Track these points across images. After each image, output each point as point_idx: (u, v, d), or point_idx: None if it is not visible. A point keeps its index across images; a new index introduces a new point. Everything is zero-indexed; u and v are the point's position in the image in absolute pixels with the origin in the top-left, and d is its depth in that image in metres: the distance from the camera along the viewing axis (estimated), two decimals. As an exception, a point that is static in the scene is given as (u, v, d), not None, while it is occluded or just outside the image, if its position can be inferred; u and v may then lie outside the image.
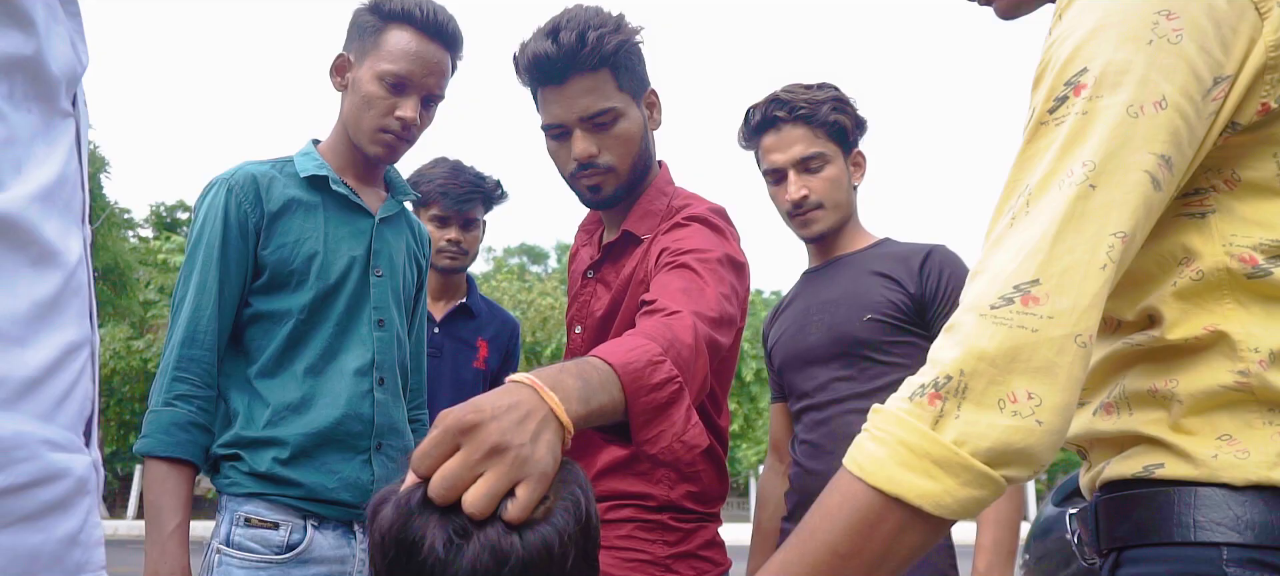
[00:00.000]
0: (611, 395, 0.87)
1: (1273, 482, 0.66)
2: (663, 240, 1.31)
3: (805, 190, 1.68)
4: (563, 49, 1.29)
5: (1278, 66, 0.67)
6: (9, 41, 0.71)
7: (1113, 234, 0.65)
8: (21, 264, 0.70)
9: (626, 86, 1.35)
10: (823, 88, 1.72)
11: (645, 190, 1.41)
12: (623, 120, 1.35)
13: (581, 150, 1.34)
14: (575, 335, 1.50)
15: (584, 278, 1.48)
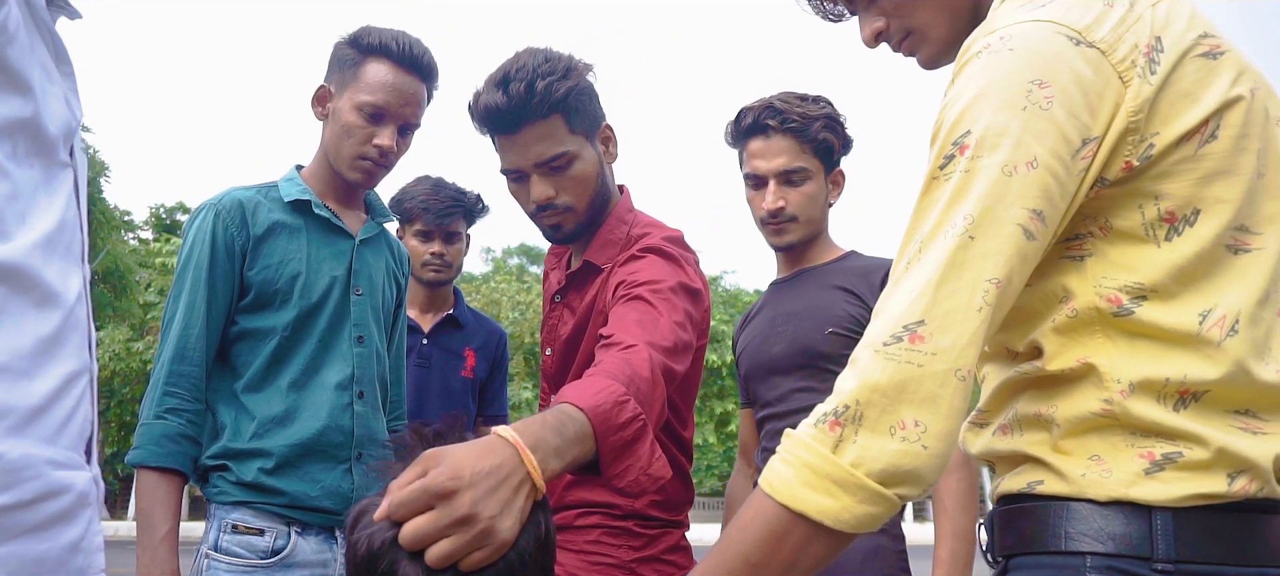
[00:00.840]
0: (584, 444, 0.95)
1: (1130, 499, 0.74)
2: (620, 272, 1.36)
3: (783, 202, 1.71)
4: (513, 100, 1.33)
5: (1138, 129, 0.75)
6: (10, 106, 0.81)
7: (987, 280, 0.73)
8: (27, 305, 0.79)
9: (579, 128, 1.39)
10: (818, 102, 1.75)
11: (606, 220, 1.47)
12: (577, 161, 1.39)
13: (539, 193, 1.39)
14: (546, 356, 1.57)
15: (553, 301, 1.56)
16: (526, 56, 1.38)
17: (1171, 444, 0.74)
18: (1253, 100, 0.76)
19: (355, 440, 1.53)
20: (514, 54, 1.41)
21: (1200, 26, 0.77)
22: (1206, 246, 0.75)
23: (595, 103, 1.44)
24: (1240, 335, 0.74)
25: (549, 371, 1.55)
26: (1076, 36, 0.75)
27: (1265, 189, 0.77)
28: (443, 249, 2.30)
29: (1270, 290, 0.76)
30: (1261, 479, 0.73)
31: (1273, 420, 0.76)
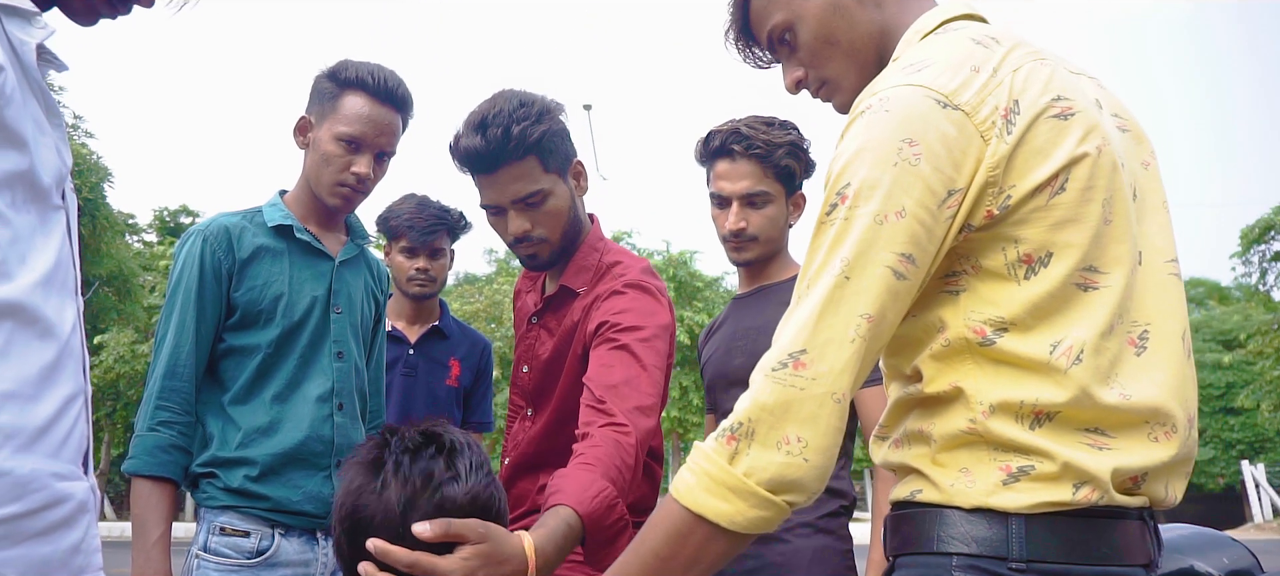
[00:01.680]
0: (575, 540, 1.19)
1: (991, 506, 0.85)
2: (604, 307, 1.49)
3: (744, 223, 1.78)
4: (490, 143, 1.44)
5: (997, 182, 0.85)
6: (8, 161, 0.92)
7: (860, 315, 0.84)
8: (30, 338, 0.91)
9: (552, 167, 1.50)
10: (784, 128, 1.80)
11: (579, 247, 1.59)
12: (551, 198, 1.51)
13: (516, 228, 1.51)
14: (522, 374, 1.68)
15: (529, 323, 1.68)
16: (502, 100, 1.48)
17: (1026, 458, 0.84)
18: (1099, 156, 0.86)
19: (335, 449, 1.64)
20: (491, 97, 1.52)
21: (1054, 90, 0.88)
22: (1058, 285, 0.85)
23: (567, 142, 1.55)
24: (1085, 364, 0.84)
25: (527, 388, 1.67)
26: (943, 100, 0.85)
27: (1112, 234, 0.87)
28: (427, 264, 2.40)
29: (1114, 323, 0.86)
30: (1102, 489, 0.83)
31: (1118, 437, 0.86)
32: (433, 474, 0.95)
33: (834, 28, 1.03)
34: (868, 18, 1.03)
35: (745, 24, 1.11)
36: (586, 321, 1.52)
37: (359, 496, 0.94)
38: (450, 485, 0.95)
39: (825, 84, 1.07)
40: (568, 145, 1.56)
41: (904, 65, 0.91)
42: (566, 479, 1.24)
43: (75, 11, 1.07)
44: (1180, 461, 0.90)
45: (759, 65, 1.15)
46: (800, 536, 1.70)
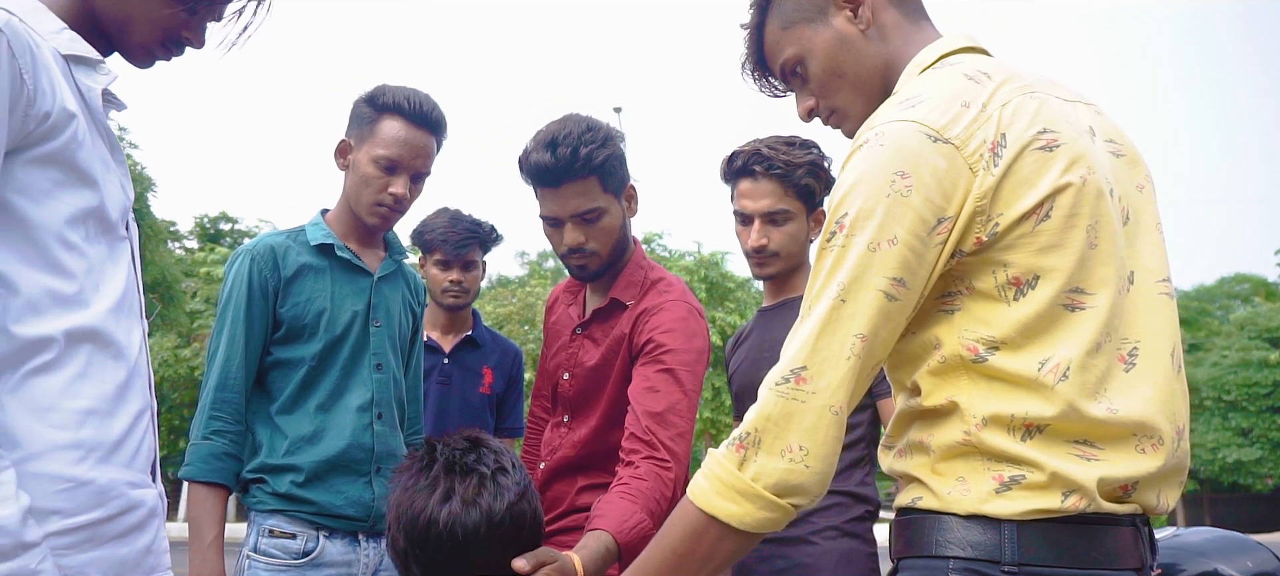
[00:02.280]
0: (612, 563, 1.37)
1: (984, 513, 0.90)
2: (652, 322, 1.64)
3: (765, 240, 1.85)
4: (559, 161, 1.58)
5: (985, 211, 0.91)
6: (82, 198, 1.02)
7: (855, 335, 0.91)
8: (106, 359, 1.01)
9: (610, 188, 1.65)
10: (804, 148, 1.86)
11: (626, 265, 1.74)
12: (606, 216, 1.65)
13: (572, 239, 1.65)
14: (564, 381, 1.79)
15: (573, 333, 1.79)
16: (572, 123, 1.64)
17: (1017, 468, 0.90)
18: (1083, 185, 0.92)
19: (375, 456, 1.74)
20: (560, 119, 1.67)
21: (1041, 123, 0.93)
22: (1045, 306, 0.91)
23: (624, 167, 1.70)
24: (1071, 380, 0.90)
25: (567, 395, 1.78)
26: (934, 134, 0.91)
27: (1097, 257, 0.92)
28: (460, 276, 2.50)
29: (1102, 341, 0.92)
30: (1088, 497, 0.89)
31: (1106, 448, 0.91)
32: (482, 483, 1.04)
33: (841, 61, 1.09)
34: (873, 51, 1.09)
35: (760, 57, 1.17)
36: (635, 333, 1.66)
37: (417, 504, 1.03)
38: (496, 495, 1.04)
39: (834, 113, 1.14)
40: (624, 170, 1.70)
41: (900, 100, 0.98)
42: (611, 506, 1.42)
43: (133, 56, 1.17)
44: (1170, 471, 0.95)
45: (774, 95, 1.22)
46: (828, 539, 1.76)
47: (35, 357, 0.95)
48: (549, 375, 1.85)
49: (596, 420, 1.71)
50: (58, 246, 0.99)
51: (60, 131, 0.98)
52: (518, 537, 1.07)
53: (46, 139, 0.97)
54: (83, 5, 1.10)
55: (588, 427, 1.73)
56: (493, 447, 1.11)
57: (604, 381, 1.70)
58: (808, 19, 1.10)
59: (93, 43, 1.11)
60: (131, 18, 1.12)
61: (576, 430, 1.75)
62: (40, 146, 0.97)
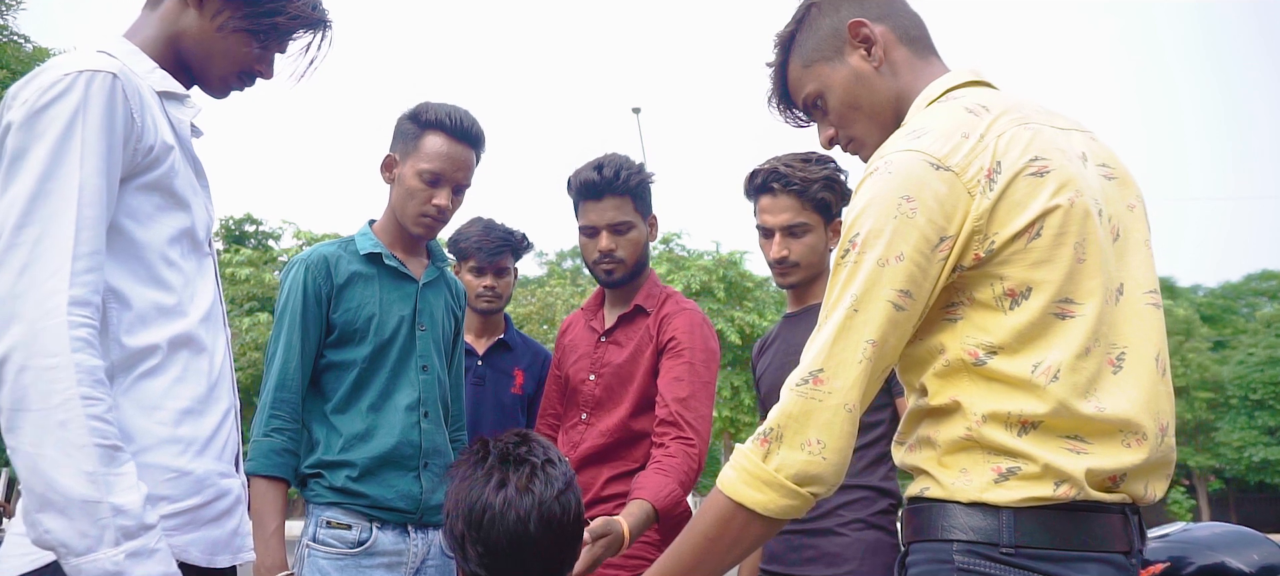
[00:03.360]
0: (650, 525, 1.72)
1: (985, 501, 1.01)
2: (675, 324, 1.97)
3: (786, 251, 1.96)
4: (604, 178, 1.97)
5: (982, 230, 1.01)
6: (177, 220, 1.16)
7: (866, 342, 1.01)
8: (200, 363, 1.14)
9: (640, 209, 2.02)
10: (821, 163, 1.96)
11: (644, 282, 2.06)
12: (634, 230, 2.01)
13: (605, 245, 1.99)
14: (588, 382, 2.03)
15: (599, 340, 2.06)
16: (616, 155, 2.03)
17: (1013, 460, 1.00)
18: (1071, 207, 1.02)
19: (422, 452, 1.86)
20: (607, 153, 2.05)
21: (1033, 151, 1.03)
22: (1037, 315, 1.01)
23: (651, 196, 2.06)
24: (1062, 381, 1.00)
25: (594, 396, 2.02)
26: (937, 163, 1.02)
27: (1085, 271, 1.02)
28: (494, 282, 2.61)
29: (1090, 345, 1.02)
30: (1078, 486, 0.99)
31: (1094, 443, 1.01)
32: (535, 475, 1.15)
33: (857, 95, 1.21)
34: (885, 86, 1.20)
35: (784, 92, 1.29)
36: (661, 332, 1.98)
37: (476, 493, 1.15)
38: (546, 484, 1.16)
39: (852, 141, 1.25)
40: (650, 199, 2.06)
41: (907, 131, 1.08)
42: (649, 478, 1.76)
43: (212, 87, 1.31)
44: (1154, 465, 1.05)
45: (798, 125, 1.33)
46: (854, 530, 1.85)
47: (144, 363, 1.09)
48: (564, 382, 2.08)
49: (625, 409, 1.97)
50: (160, 263, 1.12)
51: (161, 162, 1.12)
52: (564, 522, 1.18)
53: (150, 169, 1.11)
54: (170, 46, 1.24)
55: (615, 417, 1.97)
56: (541, 442, 1.23)
57: (631, 376, 1.97)
58: (826, 58, 1.22)
59: (177, 77, 1.24)
60: (212, 55, 1.25)
61: (601, 421, 1.99)
62: (145, 176, 1.10)
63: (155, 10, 1.25)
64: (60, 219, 1.00)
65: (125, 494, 0.98)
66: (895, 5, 1.24)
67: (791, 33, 1.28)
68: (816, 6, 1.25)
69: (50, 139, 1.02)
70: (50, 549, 0.97)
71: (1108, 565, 1.00)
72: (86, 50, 1.13)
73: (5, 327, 0.97)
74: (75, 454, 0.95)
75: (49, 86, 1.04)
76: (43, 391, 0.95)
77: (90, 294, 1.01)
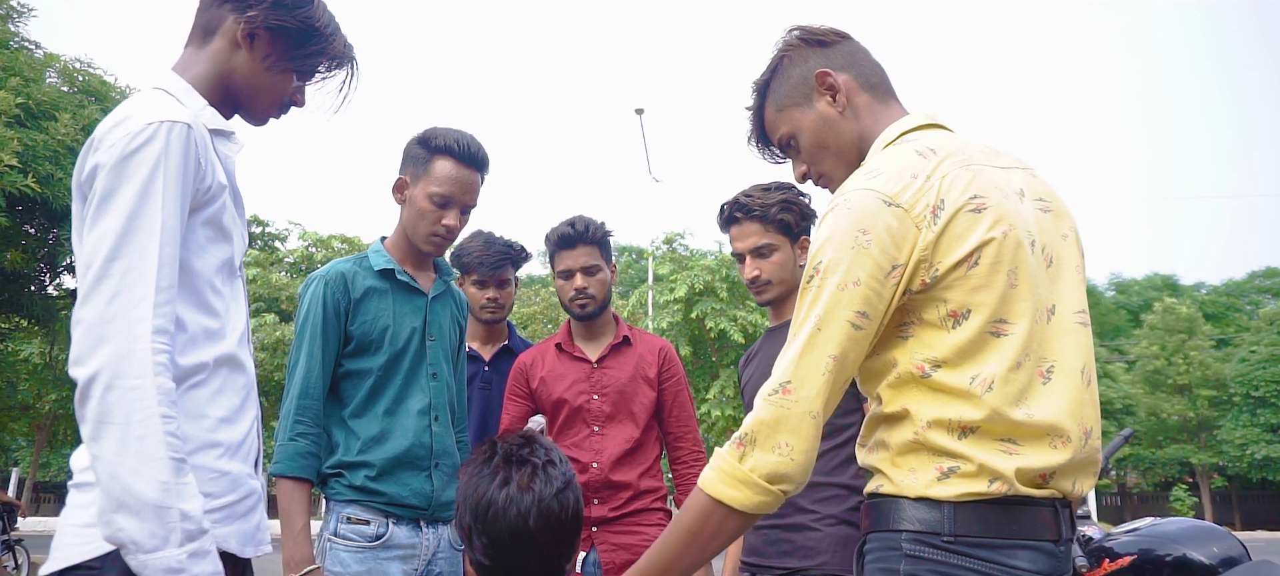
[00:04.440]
0: None
1: (929, 496, 1.15)
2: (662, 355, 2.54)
3: (757, 271, 2.14)
4: (577, 231, 2.49)
5: (927, 260, 1.15)
6: (223, 251, 1.30)
7: (829, 356, 1.15)
8: (236, 377, 1.29)
9: (605, 256, 2.52)
10: (779, 189, 2.15)
11: (609, 316, 2.56)
12: (601, 272, 2.50)
13: (579, 284, 2.47)
14: (594, 401, 2.45)
15: (595, 365, 2.49)
16: (583, 215, 2.53)
17: (954, 460, 1.15)
18: (1004, 239, 1.16)
19: (433, 453, 2.01)
20: (579, 214, 2.53)
21: (973, 190, 1.17)
22: (975, 333, 1.15)
23: (612, 249, 2.57)
24: (995, 391, 1.14)
25: (603, 411, 2.45)
26: (888, 200, 1.16)
27: (1016, 294, 1.17)
28: (496, 294, 2.76)
29: (1021, 359, 1.16)
30: (1009, 483, 1.13)
31: (1025, 444, 1.15)
32: (536, 475, 1.29)
33: (824, 136, 1.35)
34: (849, 128, 1.34)
35: (762, 133, 1.44)
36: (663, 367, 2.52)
37: (481, 490, 1.29)
38: (546, 482, 1.29)
39: (822, 176, 1.40)
40: (611, 251, 2.56)
41: (865, 171, 1.23)
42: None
43: (255, 118, 1.45)
44: (1079, 464, 1.19)
45: (775, 161, 1.48)
46: (828, 525, 2.00)
47: (192, 378, 1.24)
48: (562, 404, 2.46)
49: (635, 422, 2.45)
50: (208, 290, 1.27)
51: (216, 199, 1.27)
52: (562, 518, 1.31)
53: (207, 205, 1.26)
54: (221, 82, 1.38)
55: (629, 429, 2.44)
56: (543, 444, 1.36)
57: (633, 396, 2.46)
58: (797, 103, 1.37)
59: (220, 108, 1.39)
60: (260, 90, 1.40)
61: (616, 431, 2.43)
62: (203, 211, 1.26)
63: (204, 49, 1.38)
64: (145, 254, 1.15)
65: (190, 501, 1.13)
66: (858, 56, 1.38)
67: (766, 80, 1.42)
68: (788, 57, 1.40)
69: (137, 182, 1.17)
70: (121, 545, 1.12)
71: (1037, 552, 1.14)
72: (155, 95, 1.27)
73: (96, 348, 1.12)
74: (151, 464, 1.10)
75: (135, 133, 1.19)
76: (126, 408, 1.10)
77: (168, 323, 1.16)
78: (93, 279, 1.14)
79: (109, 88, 8.74)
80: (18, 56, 8.04)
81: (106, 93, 8.68)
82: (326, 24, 1.42)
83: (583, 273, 2.46)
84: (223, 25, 1.37)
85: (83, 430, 1.12)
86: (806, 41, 1.39)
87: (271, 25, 1.37)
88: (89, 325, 1.13)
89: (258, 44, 1.37)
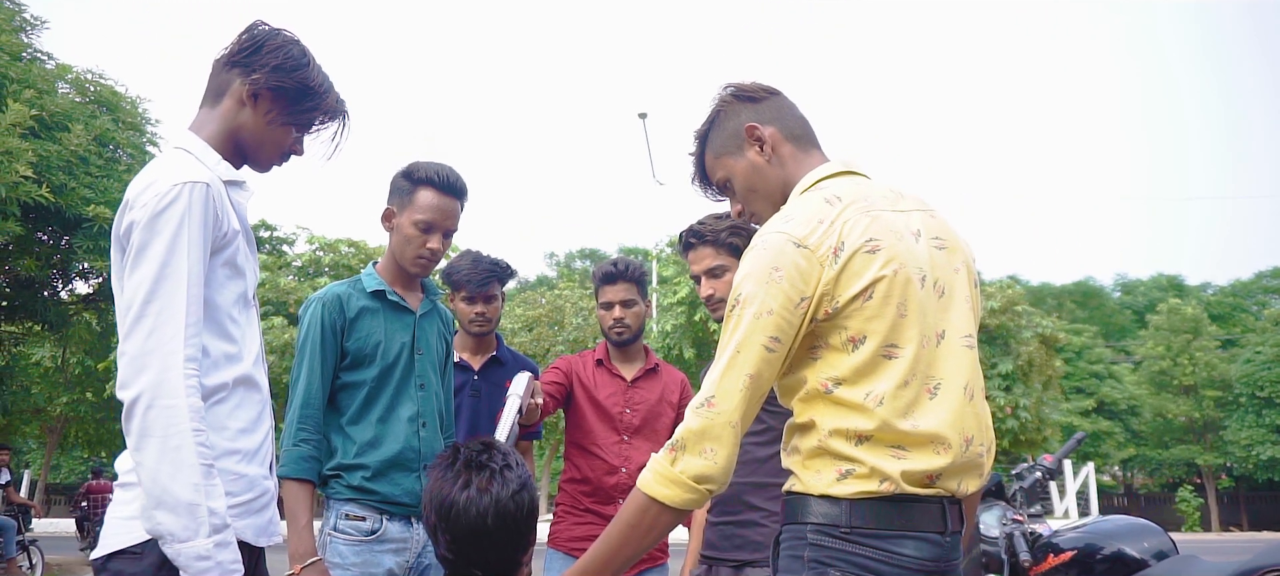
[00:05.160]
0: None
1: (830, 494, 1.34)
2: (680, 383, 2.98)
3: (712, 290, 2.35)
4: (619, 270, 2.89)
5: (830, 293, 1.34)
6: (238, 285, 1.52)
7: (746, 375, 1.35)
8: (252, 394, 1.51)
9: (641, 293, 2.92)
10: (727, 217, 2.35)
11: (641, 344, 2.97)
12: (638, 305, 2.91)
13: (618, 315, 2.88)
14: (626, 414, 2.86)
15: (630, 383, 2.90)
16: (625, 257, 2.97)
17: (850, 464, 1.34)
18: (894, 276, 1.36)
19: (422, 456, 2.23)
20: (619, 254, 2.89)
21: (869, 234, 1.37)
22: (869, 356, 1.35)
23: (648, 286, 2.96)
24: (885, 405, 1.33)
25: (633, 424, 2.86)
26: (798, 242, 1.36)
27: (905, 323, 1.36)
28: (484, 309, 2.96)
29: (908, 378, 1.35)
30: (896, 483, 1.32)
31: (912, 450, 1.35)
32: (494, 478, 1.46)
33: (754, 182, 1.55)
34: (775, 174, 1.54)
35: (703, 175, 1.64)
36: (671, 386, 2.95)
37: (444, 491, 1.47)
38: (503, 485, 1.47)
39: (753, 215, 1.60)
40: (647, 288, 2.94)
41: (780, 216, 1.43)
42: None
43: (260, 166, 1.67)
44: (961, 467, 1.38)
45: (716, 199, 1.68)
46: (775, 522, 2.20)
47: (216, 396, 1.46)
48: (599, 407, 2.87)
49: (663, 435, 2.80)
50: (227, 321, 1.49)
51: (231, 243, 1.49)
52: (517, 517, 1.46)
53: (224, 248, 1.48)
54: (230, 138, 1.60)
55: (658, 440, 2.79)
56: (502, 451, 1.53)
57: (660, 415, 2.88)
58: (731, 151, 1.57)
59: (232, 160, 1.60)
60: (264, 143, 1.62)
61: (643, 444, 2.81)
62: (221, 254, 1.48)
63: (216, 109, 1.60)
64: (176, 296, 1.38)
65: (216, 500, 1.35)
66: (784, 110, 1.58)
67: (705, 131, 1.63)
68: (723, 111, 1.60)
69: (166, 236, 1.39)
70: (159, 535, 1.35)
71: (922, 541, 1.34)
72: (178, 155, 1.49)
73: (138, 375, 1.35)
74: (185, 470, 1.32)
75: (163, 194, 1.41)
76: (165, 424, 1.32)
77: (196, 352, 1.39)
78: (133, 318, 1.37)
79: (119, 98, 8.96)
80: (31, 68, 8.27)
81: (117, 103, 8.90)
82: (320, 83, 1.63)
83: (621, 305, 2.87)
84: (231, 87, 1.59)
85: (128, 440, 1.35)
86: (739, 98, 1.59)
87: (272, 85, 1.58)
88: (132, 357, 1.36)
89: (261, 102, 1.58)
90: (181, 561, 1.33)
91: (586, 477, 2.82)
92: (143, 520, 1.36)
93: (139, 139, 9.01)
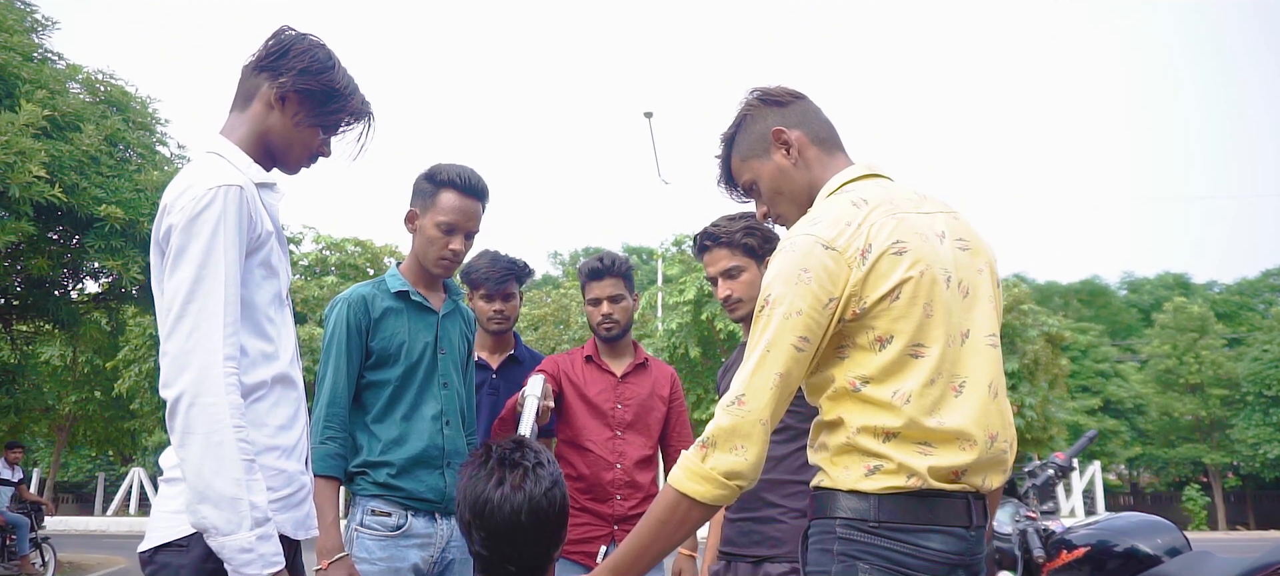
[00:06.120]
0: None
1: (859, 489, 1.37)
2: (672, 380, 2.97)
3: (729, 291, 2.37)
4: (605, 263, 2.85)
5: (858, 294, 1.37)
6: (273, 284, 1.55)
7: (776, 374, 1.38)
8: (289, 392, 1.54)
9: (628, 287, 2.87)
10: (741, 217, 2.37)
11: (630, 339, 2.92)
12: (625, 300, 2.85)
13: (606, 310, 2.83)
14: (618, 409, 2.82)
15: (621, 379, 2.85)
16: (611, 252, 2.89)
17: (878, 460, 1.37)
18: (921, 277, 1.38)
19: (445, 453, 2.26)
20: (607, 251, 2.91)
21: (896, 236, 1.39)
22: (897, 356, 1.38)
23: (634, 280, 2.91)
24: (912, 403, 1.36)
25: (624, 419, 2.82)
26: (826, 244, 1.39)
27: (931, 323, 1.39)
28: (502, 307, 3.00)
29: (934, 377, 1.38)
30: (923, 478, 1.35)
31: (938, 447, 1.37)
32: (527, 476, 1.49)
33: (780, 184, 1.58)
34: (801, 177, 1.57)
35: (729, 177, 1.66)
36: (673, 390, 2.94)
37: (479, 489, 1.50)
38: (536, 482, 1.49)
39: (779, 217, 1.62)
40: (634, 282, 2.89)
41: (808, 218, 1.45)
42: None
43: (289, 168, 1.70)
44: (986, 463, 1.41)
45: (742, 201, 1.71)
46: (791, 518, 2.23)
47: (254, 394, 1.49)
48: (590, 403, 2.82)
49: (653, 431, 2.86)
50: (264, 320, 1.52)
51: (265, 243, 1.52)
52: (550, 513, 1.48)
53: (258, 249, 1.51)
54: (260, 140, 1.63)
55: (647, 436, 2.83)
56: (533, 447, 1.55)
57: (651, 410, 2.86)
58: (757, 155, 1.59)
59: (262, 162, 1.63)
60: (292, 145, 1.65)
61: (637, 436, 2.81)
62: (256, 254, 1.51)
63: (245, 112, 1.63)
64: (215, 296, 1.40)
65: (258, 494, 1.38)
66: (809, 114, 1.61)
67: (732, 134, 1.65)
68: (749, 115, 1.63)
69: (204, 238, 1.42)
70: (203, 529, 1.38)
71: (948, 535, 1.37)
72: (211, 160, 1.52)
73: (181, 373, 1.38)
74: (228, 465, 1.35)
75: (200, 198, 1.44)
76: (207, 421, 1.35)
77: (235, 350, 1.42)
78: (174, 318, 1.40)
79: (130, 97, 9.00)
80: (43, 69, 8.30)
81: (127, 102, 8.94)
82: (346, 85, 1.66)
83: (609, 301, 2.83)
84: (259, 91, 1.62)
85: (172, 437, 1.38)
86: (765, 101, 1.62)
87: (299, 88, 1.61)
88: (174, 356, 1.39)
89: (288, 105, 1.61)
90: (225, 554, 1.36)
91: (582, 475, 2.79)
92: (187, 514, 1.39)
93: (149, 139, 9.05)
